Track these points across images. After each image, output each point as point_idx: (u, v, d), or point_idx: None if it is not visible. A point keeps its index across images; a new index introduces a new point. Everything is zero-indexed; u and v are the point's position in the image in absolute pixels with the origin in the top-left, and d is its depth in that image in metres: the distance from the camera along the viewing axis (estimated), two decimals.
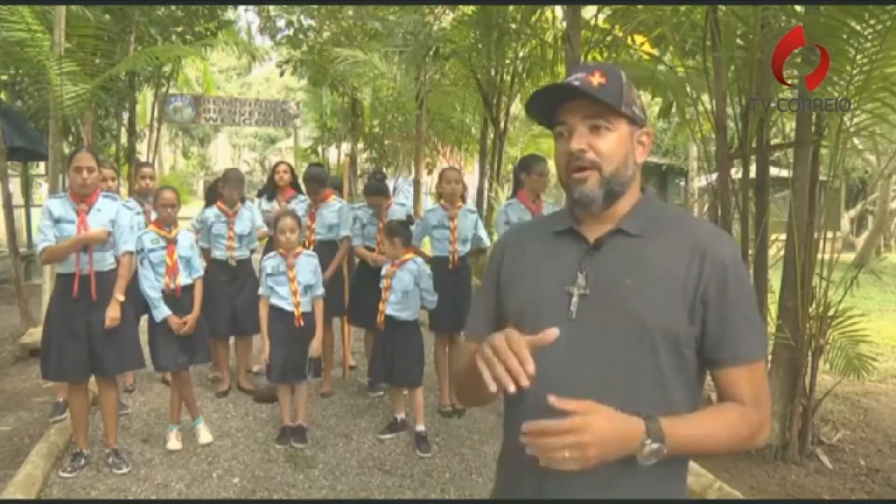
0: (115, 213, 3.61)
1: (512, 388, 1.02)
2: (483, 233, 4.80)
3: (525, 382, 1.02)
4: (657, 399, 1.18)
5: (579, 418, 1.04)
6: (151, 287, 3.87)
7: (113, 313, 3.51)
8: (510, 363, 1.03)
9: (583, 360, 1.19)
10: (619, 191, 1.24)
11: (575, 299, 1.22)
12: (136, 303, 4.14)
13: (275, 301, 4.04)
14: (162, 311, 3.87)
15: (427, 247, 4.96)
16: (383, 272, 4.19)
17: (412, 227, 4.47)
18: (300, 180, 5.33)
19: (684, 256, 1.20)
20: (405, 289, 4.05)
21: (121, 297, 3.55)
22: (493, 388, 1.04)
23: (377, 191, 4.93)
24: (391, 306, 4.07)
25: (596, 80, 1.20)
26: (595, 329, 1.20)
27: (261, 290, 4.12)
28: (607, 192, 1.22)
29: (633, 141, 1.25)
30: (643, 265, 1.21)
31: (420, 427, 4.13)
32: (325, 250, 4.70)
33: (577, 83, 1.20)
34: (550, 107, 1.26)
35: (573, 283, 1.23)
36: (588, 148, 1.21)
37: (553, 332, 1.07)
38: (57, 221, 3.47)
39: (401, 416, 4.27)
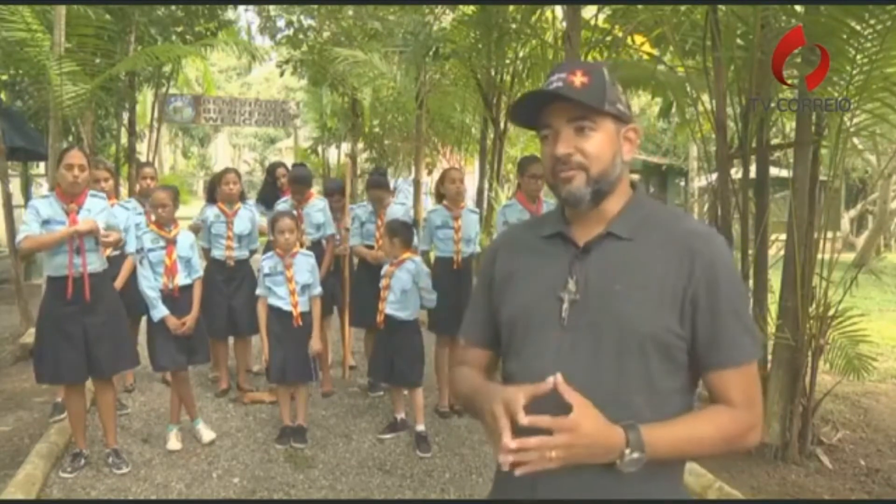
0: (107, 213, 3.59)
1: (508, 460, 1.05)
2: (478, 238, 4.79)
3: (508, 460, 1.05)
4: (649, 405, 1.17)
5: (574, 417, 1.05)
6: (150, 287, 3.87)
7: (84, 225, 3.39)
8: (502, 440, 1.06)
9: (574, 366, 1.18)
10: (607, 189, 1.23)
11: (566, 305, 1.21)
12: (135, 303, 4.14)
13: (273, 301, 4.04)
14: (160, 311, 3.87)
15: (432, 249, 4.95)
16: (383, 272, 4.19)
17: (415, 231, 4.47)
18: None
19: (673, 259, 1.19)
20: (404, 288, 4.05)
21: (100, 226, 3.46)
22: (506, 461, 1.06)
23: (378, 184, 4.94)
24: (390, 306, 4.07)
25: (578, 79, 1.18)
26: (586, 335, 1.19)
27: (259, 291, 4.12)
28: (595, 191, 1.21)
29: (619, 138, 1.24)
30: (633, 270, 1.20)
31: (420, 427, 4.13)
32: (316, 250, 4.70)
33: (559, 84, 1.19)
34: (534, 109, 1.25)
35: (564, 289, 1.22)
36: (574, 151, 1.20)
37: (549, 384, 1.08)
38: (46, 222, 3.41)
39: (401, 415, 4.27)
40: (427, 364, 4.39)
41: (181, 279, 3.96)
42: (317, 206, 4.90)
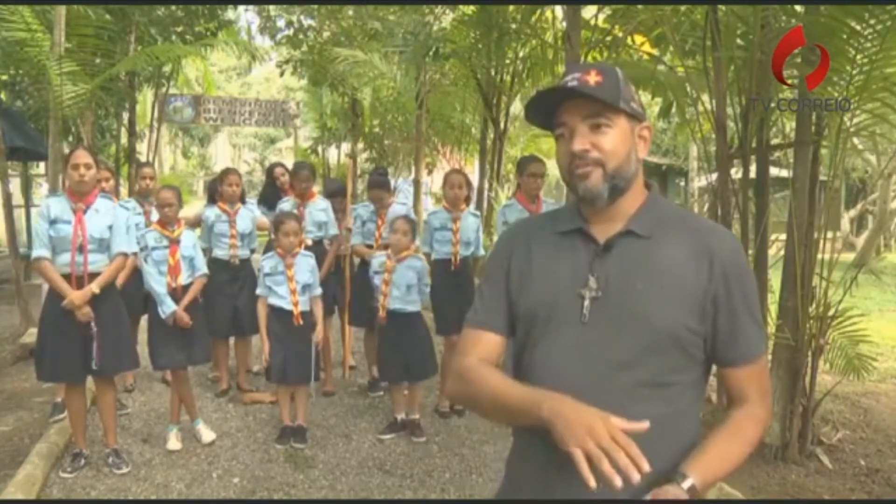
0: (112, 214, 3.61)
1: (620, 486, 0.99)
2: (480, 240, 4.79)
3: (636, 479, 0.99)
4: (663, 398, 1.20)
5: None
6: (157, 282, 3.87)
7: (79, 301, 3.42)
8: (620, 459, 1.00)
9: (593, 361, 1.20)
10: (624, 186, 1.24)
11: (587, 302, 1.22)
12: (134, 303, 4.14)
13: (273, 301, 4.04)
14: (169, 306, 3.87)
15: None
16: (376, 267, 4.17)
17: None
18: None
19: (692, 258, 1.21)
20: (409, 283, 4.07)
21: (96, 290, 3.46)
22: (592, 484, 1.00)
23: (378, 184, 4.95)
24: (395, 301, 4.07)
25: (592, 78, 1.20)
26: (607, 332, 1.20)
27: (259, 290, 4.12)
28: (612, 187, 1.22)
29: (634, 136, 1.25)
30: (653, 268, 1.21)
31: (416, 415, 4.20)
32: (317, 249, 4.71)
33: (574, 83, 1.20)
34: (549, 109, 1.26)
35: (585, 286, 1.23)
36: (591, 147, 1.21)
37: (644, 426, 1.06)
38: (53, 222, 3.45)
39: (401, 416, 4.27)
40: None
41: (184, 279, 3.97)
42: (319, 206, 4.92)
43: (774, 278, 4.04)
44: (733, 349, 1.23)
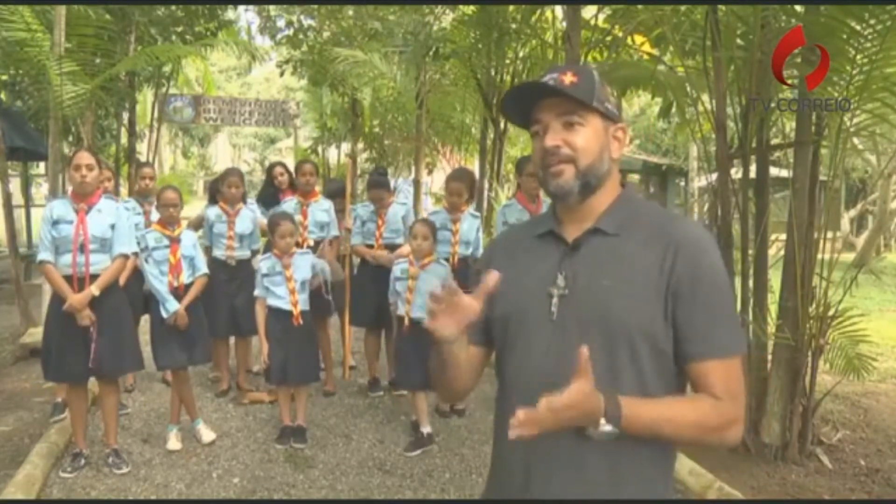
0: (115, 215, 3.62)
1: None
2: (480, 240, 4.79)
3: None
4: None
5: (577, 391, 1.06)
6: (159, 282, 3.88)
7: (79, 305, 3.43)
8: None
9: (564, 360, 1.18)
10: (595, 184, 1.26)
11: (555, 300, 1.23)
12: (135, 303, 4.14)
13: (272, 301, 4.03)
14: (173, 304, 3.88)
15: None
16: (398, 274, 4.14)
17: None
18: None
19: (658, 254, 1.20)
20: (433, 291, 3.99)
21: (96, 292, 3.47)
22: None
23: (378, 184, 4.95)
24: (418, 309, 3.92)
25: (568, 78, 1.23)
26: (575, 329, 1.20)
27: (257, 292, 4.10)
28: (583, 184, 1.24)
29: (607, 136, 1.27)
30: (619, 265, 1.22)
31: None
32: (317, 250, 4.70)
33: (549, 82, 1.23)
34: (526, 108, 1.29)
35: (554, 284, 1.25)
36: (563, 144, 1.23)
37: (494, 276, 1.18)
38: (56, 223, 3.47)
39: (427, 429, 4.08)
40: None
41: (185, 278, 3.98)
42: (322, 206, 4.94)
43: (774, 278, 4.04)
44: (692, 344, 1.19)
